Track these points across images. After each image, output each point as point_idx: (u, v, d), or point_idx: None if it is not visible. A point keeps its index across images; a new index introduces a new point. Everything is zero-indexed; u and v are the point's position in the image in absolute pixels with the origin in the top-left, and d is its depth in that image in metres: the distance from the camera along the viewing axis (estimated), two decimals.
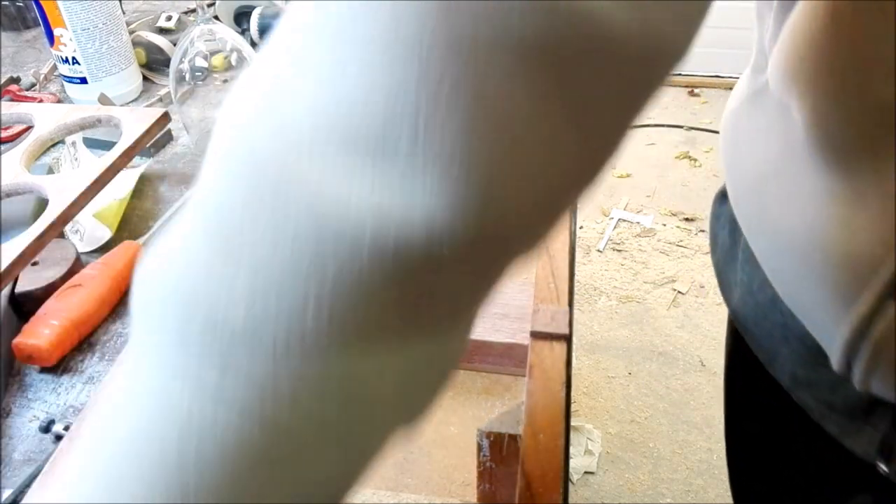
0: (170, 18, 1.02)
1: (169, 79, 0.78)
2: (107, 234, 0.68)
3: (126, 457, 0.22)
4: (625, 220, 2.19)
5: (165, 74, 0.93)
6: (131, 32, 0.95)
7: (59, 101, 0.90)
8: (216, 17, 0.98)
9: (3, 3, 1.09)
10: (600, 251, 2.08)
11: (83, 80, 0.87)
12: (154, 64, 0.97)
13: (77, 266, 0.62)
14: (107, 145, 0.73)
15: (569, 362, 0.45)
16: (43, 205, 0.62)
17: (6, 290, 0.58)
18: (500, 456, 0.41)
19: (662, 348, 1.79)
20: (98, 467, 0.22)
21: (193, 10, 1.10)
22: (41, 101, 0.89)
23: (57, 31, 0.84)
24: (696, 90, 2.79)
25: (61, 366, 0.56)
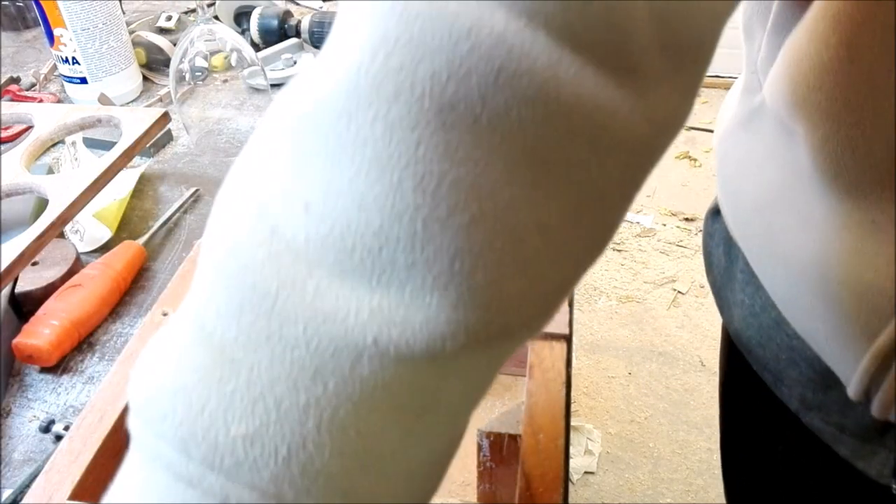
0: (170, 18, 1.02)
1: (169, 79, 0.78)
2: (107, 234, 0.68)
3: None
4: (625, 220, 2.18)
5: (165, 74, 0.93)
6: (131, 32, 0.95)
7: (59, 101, 0.90)
8: (216, 17, 0.98)
9: (3, 3, 1.09)
10: None
11: (83, 80, 0.87)
12: (154, 64, 0.97)
13: (77, 266, 0.62)
14: (107, 145, 0.73)
15: (569, 362, 0.45)
16: (43, 205, 0.62)
17: (6, 290, 0.58)
18: (500, 456, 0.41)
19: (662, 348, 1.79)
20: None
21: (193, 10, 1.10)
22: (41, 101, 0.89)
23: (57, 31, 0.84)
24: None
25: (61, 366, 0.56)
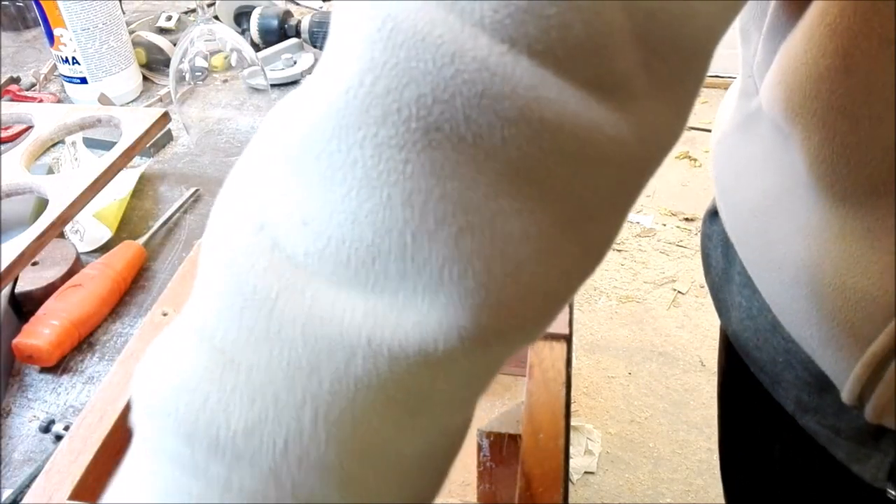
0: (170, 18, 1.02)
1: (169, 79, 0.78)
2: (107, 234, 0.68)
3: None
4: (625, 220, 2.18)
5: (165, 74, 0.93)
6: (131, 32, 0.95)
7: (59, 101, 0.90)
8: (216, 17, 0.98)
9: (3, 3, 1.09)
10: None
11: (83, 80, 0.87)
12: (154, 64, 0.97)
13: (77, 266, 0.62)
14: (107, 145, 0.73)
15: (569, 362, 0.45)
16: (43, 205, 0.62)
17: (6, 290, 0.58)
18: (500, 456, 0.41)
19: (662, 348, 1.79)
20: None
21: (193, 10, 1.10)
22: (41, 101, 0.89)
23: (57, 31, 0.84)
24: None
25: (61, 366, 0.56)
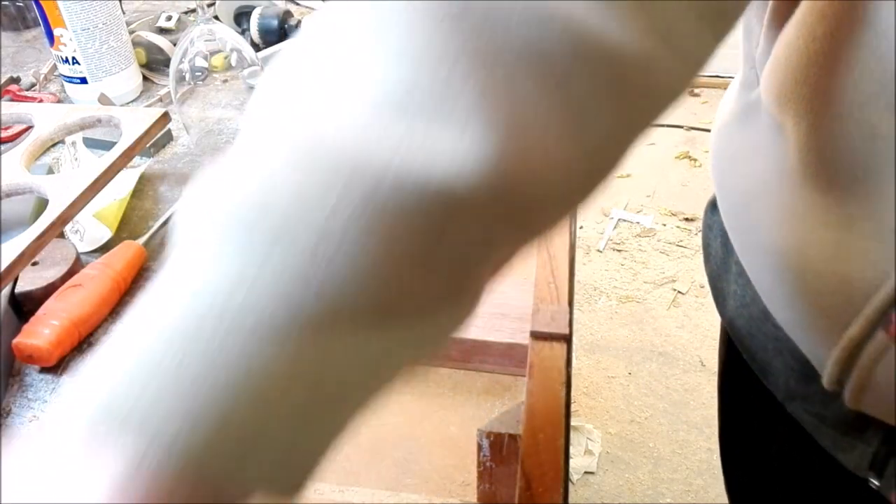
0: (170, 18, 1.02)
1: (169, 79, 0.78)
2: (107, 234, 0.68)
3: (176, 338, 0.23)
4: (625, 220, 2.19)
5: (165, 74, 0.93)
6: (131, 32, 0.95)
7: (59, 101, 0.90)
8: (216, 17, 0.98)
9: (3, 3, 1.09)
10: (600, 251, 2.08)
11: (83, 80, 0.87)
12: (154, 64, 0.97)
13: (77, 266, 0.62)
14: (107, 145, 0.73)
15: (569, 362, 0.45)
16: (43, 205, 0.62)
17: (6, 290, 0.58)
18: (500, 456, 0.41)
19: (662, 348, 1.79)
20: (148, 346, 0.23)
21: (193, 10, 1.10)
22: (41, 101, 0.89)
23: (57, 31, 0.84)
24: (696, 90, 2.78)
25: (61, 366, 0.56)
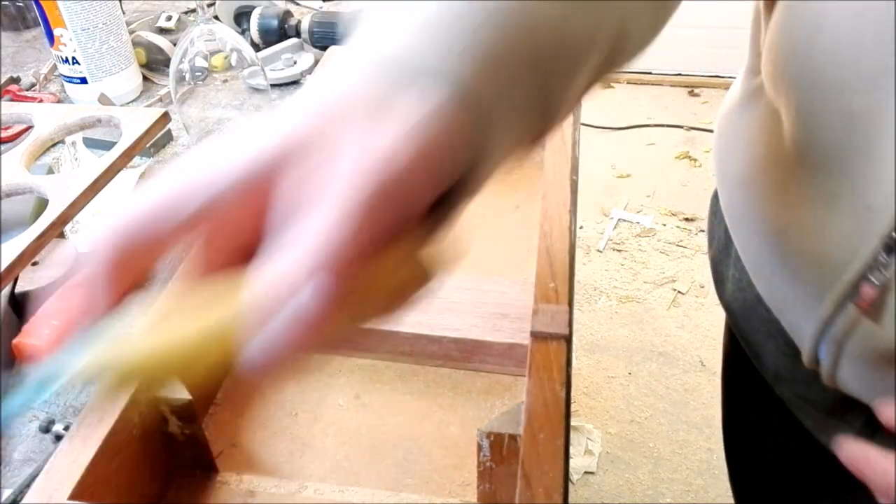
0: (170, 18, 1.02)
1: (169, 79, 0.78)
2: None
3: None
4: (625, 220, 2.19)
5: (165, 74, 0.93)
6: (131, 32, 0.95)
7: (59, 101, 0.90)
8: (216, 17, 0.98)
9: (3, 3, 1.09)
10: (600, 251, 2.08)
11: (83, 80, 0.87)
12: (154, 64, 0.97)
13: (77, 266, 0.62)
14: (107, 145, 0.73)
15: (569, 362, 0.45)
16: (43, 205, 0.62)
17: (6, 290, 0.58)
18: (500, 456, 0.41)
19: (662, 348, 1.79)
20: None
21: (193, 10, 1.10)
22: (41, 101, 0.89)
23: (57, 31, 0.84)
24: (696, 90, 2.79)
25: None
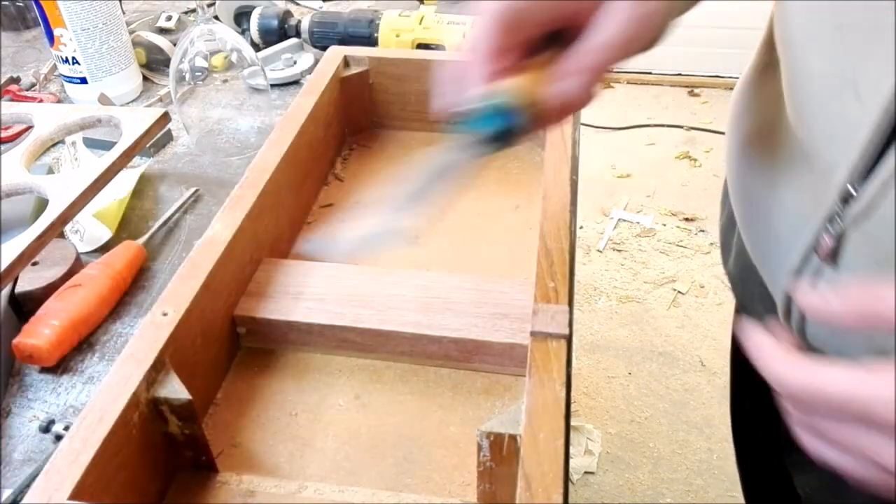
0: (170, 18, 1.02)
1: (169, 79, 0.78)
2: (107, 234, 0.68)
3: None
4: (625, 220, 2.19)
5: (165, 74, 0.93)
6: (131, 32, 0.95)
7: (59, 101, 0.90)
8: (216, 17, 0.98)
9: (3, 3, 1.09)
10: (600, 251, 2.08)
11: (83, 80, 0.87)
12: (154, 64, 0.97)
13: (77, 266, 0.62)
14: (107, 145, 0.73)
15: (569, 362, 0.45)
16: (43, 205, 0.62)
17: (6, 290, 0.58)
18: (500, 456, 0.41)
19: (662, 348, 1.79)
20: None
21: (193, 10, 1.10)
22: (41, 101, 0.90)
23: (57, 31, 0.84)
24: (696, 90, 2.79)
25: (61, 366, 0.56)
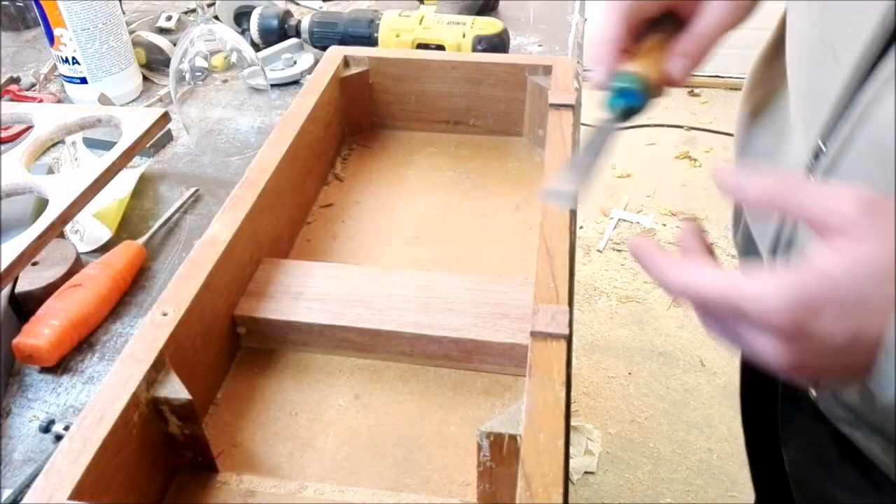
0: (170, 18, 1.02)
1: (169, 79, 0.78)
2: (107, 234, 0.68)
3: None
4: (625, 220, 2.19)
5: (165, 74, 0.93)
6: (131, 32, 0.95)
7: (59, 101, 0.90)
8: (216, 17, 0.98)
9: (3, 3, 1.09)
10: (600, 251, 2.08)
11: (83, 80, 0.87)
12: (154, 64, 0.97)
13: (77, 266, 0.62)
14: (107, 145, 0.73)
15: (569, 362, 0.45)
16: (43, 205, 0.62)
17: (6, 290, 0.58)
18: (500, 456, 0.41)
19: (662, 348, 1.79)
20: None
21: (193, 10, 1.10)
22: (41, 101, 0.90)
23: (57, 31, 0.84)
24: (696, 90, 2.79)
25: (61, 366, 0.56)
